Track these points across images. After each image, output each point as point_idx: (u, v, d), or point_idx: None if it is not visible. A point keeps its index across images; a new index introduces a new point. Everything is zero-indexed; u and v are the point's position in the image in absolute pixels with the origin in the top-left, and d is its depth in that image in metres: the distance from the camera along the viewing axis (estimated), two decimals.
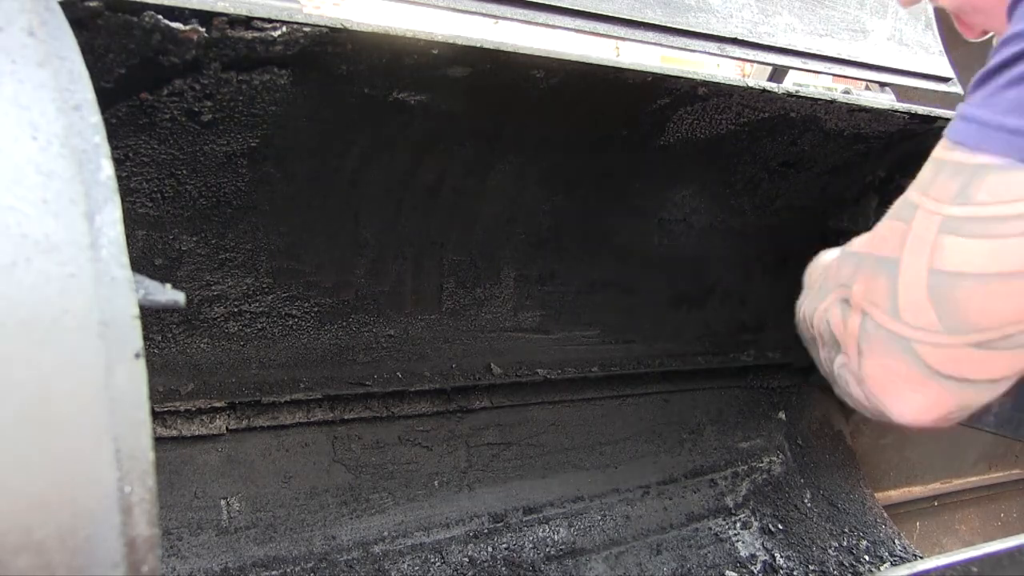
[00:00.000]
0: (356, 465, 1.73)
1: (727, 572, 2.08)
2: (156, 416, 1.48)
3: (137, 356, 0.53)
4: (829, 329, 0.88)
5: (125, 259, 0.55)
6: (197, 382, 1.50)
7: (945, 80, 2.10)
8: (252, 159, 1.31)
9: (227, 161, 1.30)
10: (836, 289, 0.88)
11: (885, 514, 2.36)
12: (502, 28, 1.46)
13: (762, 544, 2.17)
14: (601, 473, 2.05)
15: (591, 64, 1.33)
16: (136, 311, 0.54)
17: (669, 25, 1.63)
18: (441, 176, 1.53)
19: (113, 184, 0.57)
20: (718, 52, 1.73)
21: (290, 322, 1.58)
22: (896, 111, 1.73)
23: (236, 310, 1.51)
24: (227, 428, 1.57)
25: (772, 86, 1.57)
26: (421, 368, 1.74)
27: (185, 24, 1.04)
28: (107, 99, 1.11)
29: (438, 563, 1.77)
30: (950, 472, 2.74)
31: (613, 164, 1.68)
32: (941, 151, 0.81)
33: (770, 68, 2.10)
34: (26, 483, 0.48)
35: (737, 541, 2.16)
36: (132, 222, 1.31)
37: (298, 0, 1.18)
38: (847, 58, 1.94)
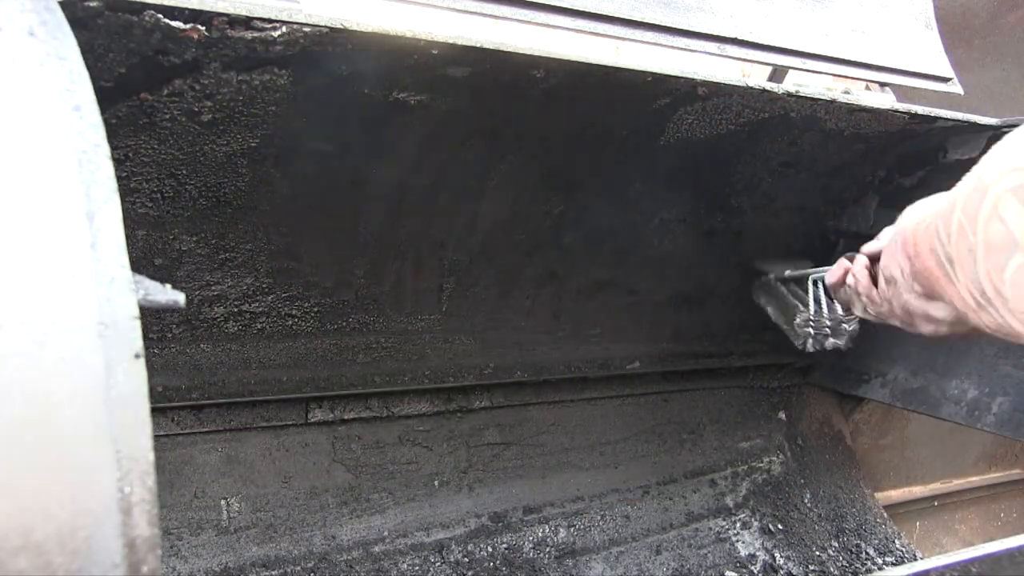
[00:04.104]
0: (356, 465, 1.73)
1: (727, 572, 2.08)
2: (156, 416, 1.47)
3: (137, 356, 0.53)
4: (1005, 228, 0.75)
5: (125, 259, 0.55)
6: (197, 382, 1.50)
7: (945, 80, 2.10)
8: (252, 159, 1.31)
9: (227, 161, 1.30)
10: (1007, 175, 0.75)
11: (885, 514, 2.36)
12: (502, 28, 1.45)
13: (762, 544, 2.17)
14: (601, 473, 2.05)
15: (591, 64, 1.33)
16: (136, 311, 0.54)
17: (669, 25, 1.63)
18: (441, 176, 1.53)
19: (113, 184, 0.57)
20: (718, 52, 1.72)
21: (290, 322, 1.58)
22: (896, 111, 1.73)
23: (236, 310, 1.51)
24: (227, 428, 1.57)
25: (772, 86, 1.57)
26: (421, 368, 1.74)
27: (185, 24, 1.04)
28: (107, 99, 1.11)
29: (438, 563, 1.77)
30: (950, 472, 2.74)
31: (613, 164, 1.68)
32: None
33: (770, 68, 2.10)
34: (25, 484, 0.48)
35: (737, 541, 2.15)
36: (132, 222, 1.31)
37: (297, 0, 1.18)
38: (847, 58, 1.94)
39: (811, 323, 1.65)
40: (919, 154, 1.96)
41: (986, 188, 0.76)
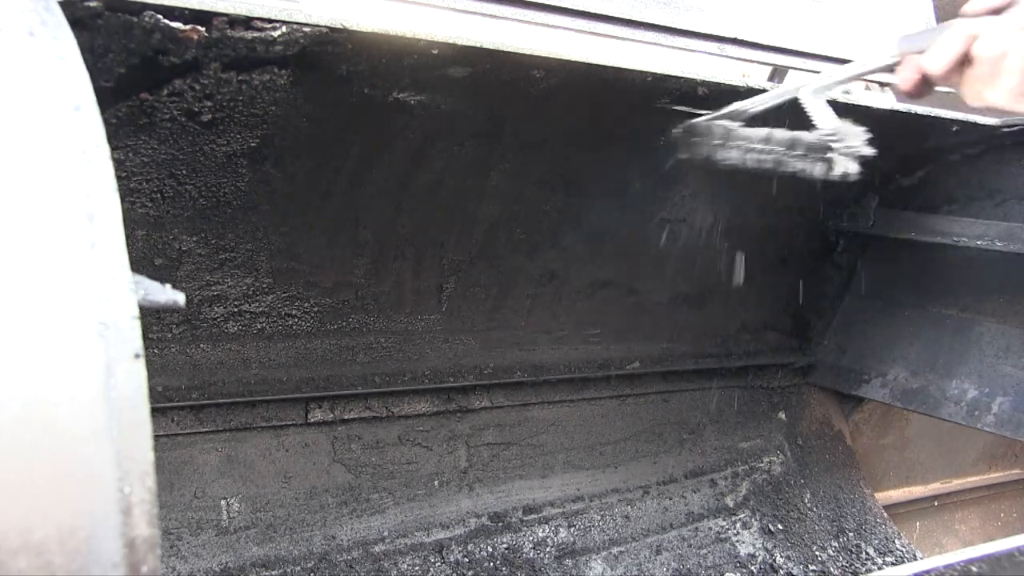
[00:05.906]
0: (356, 465, 1.73)
1: (727, 572, 2.08)
2: (156, 416, 1.47)
3: (137, 356, 0.53)
4: None
5: (125, 259, 0.55)
6: (197, 382, 1.50)
7: None
8: (252, 159, 1.31)
9: (227, 161, 1.30)
10: None
11: (885, 514, 2.36)
12: (502, 28, 1.45)
13: (762, 544, 2.17)
14: (601, 473, 2.05)
15: (591, 64, 1.33)
16: (136, 311, 0.54)
17: (669, 25, 1.63)
18: (441, 176, 1.53)
19: (113, 184, 0.57)
20: (718, 52, 1.72)
21: (290, 322, 1.58)
22: (896, 111, 1.73)
23: (236, 310, 1.51)
24: (227, 428, 1.56)
25: (772, 86, 1.57)
26: (421, 368, 1.73)
27: (185, 24, 1.04)
28: (107, 99, 1.11)
29: (438, 563, 1.77)
30: (950, 472, 2.74)
31: (613, 164, 1.68)
32: None
33: (770, 68, 2.10)
34: (26, 483, 0.48)
35: (737, 541, 2.15)
36: (132, 222, 1.31)
37: (297, 0, 1.18)
38: (847, 58, 1.94)
39: (834, 139, 1.38)
40: (919, 154, 1.96)
41: None
